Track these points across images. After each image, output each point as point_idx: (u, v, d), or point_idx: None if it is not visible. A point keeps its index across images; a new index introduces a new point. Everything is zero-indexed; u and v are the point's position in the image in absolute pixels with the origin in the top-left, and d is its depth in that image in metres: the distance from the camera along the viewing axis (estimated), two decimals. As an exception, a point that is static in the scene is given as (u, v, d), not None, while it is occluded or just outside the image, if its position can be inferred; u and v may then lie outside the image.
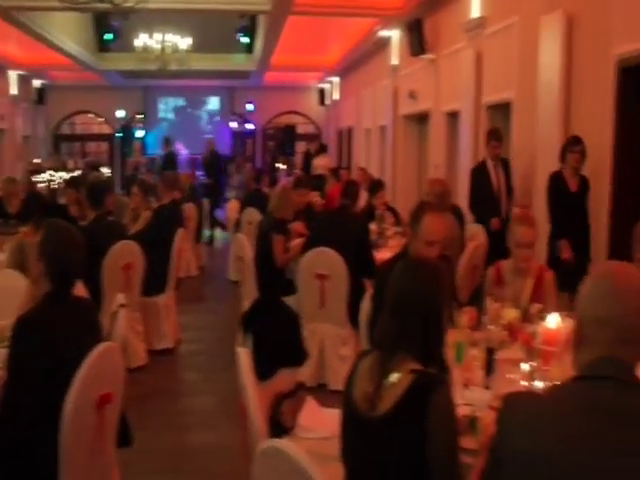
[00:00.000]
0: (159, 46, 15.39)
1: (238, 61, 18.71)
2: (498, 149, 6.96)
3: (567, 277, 4.02)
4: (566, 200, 5.54)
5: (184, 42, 15.67)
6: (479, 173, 7.07)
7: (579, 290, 1.64)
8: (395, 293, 2.10)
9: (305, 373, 5.01)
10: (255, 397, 2.53)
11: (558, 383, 1.83)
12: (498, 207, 6.83)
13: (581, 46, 6.06)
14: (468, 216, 7.03)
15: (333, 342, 5.14)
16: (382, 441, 1.96)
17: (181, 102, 22.14)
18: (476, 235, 6.56)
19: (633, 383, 1.52)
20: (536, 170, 6.62)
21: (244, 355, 2.60)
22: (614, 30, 5.50)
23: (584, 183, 5.68)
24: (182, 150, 19.24)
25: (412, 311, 2.04)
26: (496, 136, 6.98)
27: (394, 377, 1.98)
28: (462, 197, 8.75)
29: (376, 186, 7.78)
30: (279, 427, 3.27)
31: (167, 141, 14.77)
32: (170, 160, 13.80)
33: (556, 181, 5.70)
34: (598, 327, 1.56)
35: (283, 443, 1.95)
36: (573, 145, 5.67)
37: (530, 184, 6.80)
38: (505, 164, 7.04)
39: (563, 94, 6.19)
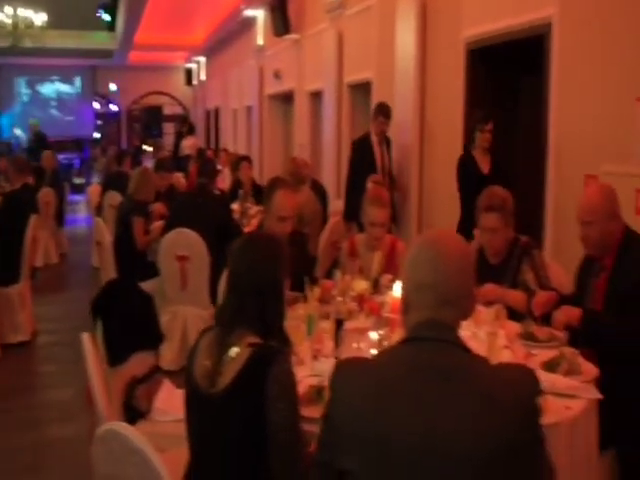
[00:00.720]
0: (11, 21, 14.50)
1: (99, 39, 17.98)
2: (385, 125, 6.46)
3: None
4: (477, 184, 4.58)
5: (39, 17, 14.85)
6: (361, 146, 6.57)
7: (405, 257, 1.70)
8: (232, 269, 2.09)
9: (167, 357, 4.92)
10: (100, 382, 2.46)
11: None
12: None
13: (434, 29, 6.27)
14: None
15: (195, 324, 5.06)
16: (222, 417, 1.95)
17: (38, 82, 21.00)
18: (339, 211, 6.68)
19: (453, 343, 1.59)
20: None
21: (87, 340, 2.51)
22: (464, 15, 5.73)
23: (496, 164, 5.24)
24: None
25: (249, 286, 2.04)
26: (384, 112, 6.45)
27: (233, 352, 1.97)
28: (326, 174, 8.89)
29: (239, 161, 7.75)
30: (134, 411, 3.21)
31: (32, 125, 14.05)
32: (40, 143, 13.11)
33: (465, 164, 5.26)
34: (421, 292, 1.61)
35: (120, 426, 1.90)
36: (483, 124, 5.19)
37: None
38: (388, 143, 6.63)
39: (418, 75, 6.39)
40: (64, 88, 21.27)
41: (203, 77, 19.20)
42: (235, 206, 6.75)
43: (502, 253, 3.44)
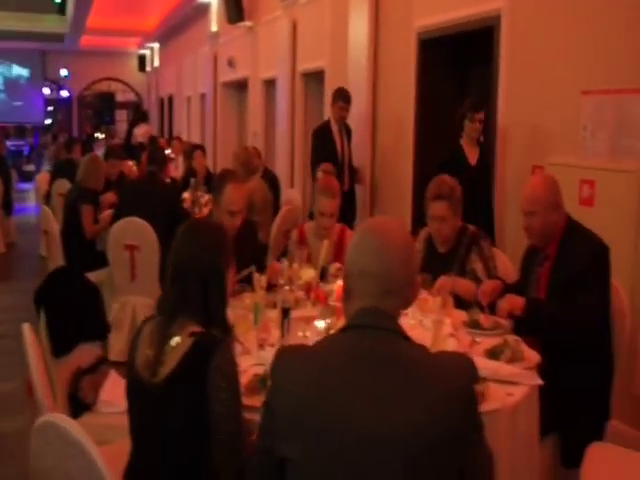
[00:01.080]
0: (-45, 3, 14.06)
1: (50, 22, 17.49)
2: (345, 111, 6.19)
3: None
4: (465, 175, 4.29)
5: (-15, 0, 14.43)
6: (322, 134, 6.28)
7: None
8: (174, 257, 2.06)
9: (116, 347, 4.85)
10: (41, 374, 2.40)
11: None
12: (341, 174, 5.98)
13: (387, 19, 6.29)
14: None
15: (145, 314, 4.98)
16: (163, 407, 1.93)
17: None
18: (292, 200, 6.67)
19: (392, 331, 1.59)
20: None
21: (28, 331, 2.45)
22: (415, 5, 5.75)
23: (482, 156, 4.89)
24: None
25: (190, 274, 2.01)
26: (343, 97, 6.17)
27: (174, 341, 1.95)
28: (280, 163, 8.86)
29: (193, 149, 7.68)
30: (79, 403, 3.15)
31: None
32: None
33: (453, 154, 4.89)
34: (363, 280, 1.62)
35: (58, 417, 1.86)
36: (473, 112, 4.76)
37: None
38: (348, 131, 6.38)
39: (370, 64, 6.41)
40: (12, 72, 20.70)
41: (157, 64, 18.91)
42: (186, 194, 6.68)
43: (450, 242, 3.47)
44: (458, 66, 5.75)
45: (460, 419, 1.47)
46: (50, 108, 21.04)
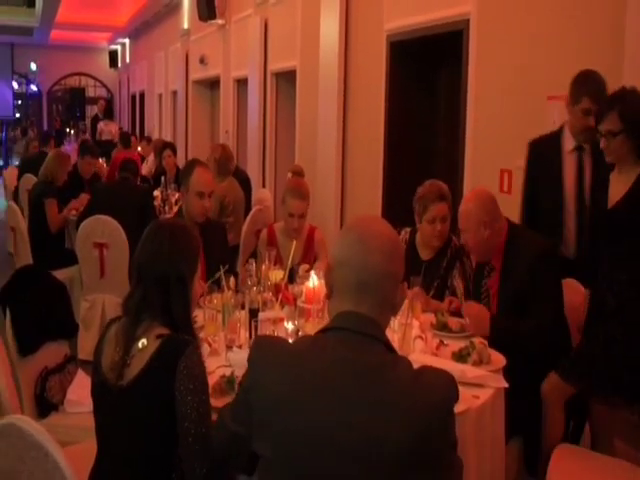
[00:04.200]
0: None
1: (18, 15, 17.22)
2: (590, 119, 4.26)
3: None
4: None
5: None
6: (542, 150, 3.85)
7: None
8: (137, 258, 2.05)
9: (85, 346, 4.81)
10: (5, 374, 2.38)
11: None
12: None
13: (357, 20, 6.31)
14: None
15: (114, 313, 4.95)
16: (130, 410, 1.91)
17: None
18: (262, 199, 6.67)
19: (376, 339, 1.56)
20: (316, 135, 6.84)
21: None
22: (386, 7, 5.79)
23: None
24: None
25: (153, 276, 1.99)
26: (594, 91, 3.53)
27: (141, 343, 1.94)
28: (251, 162, 8.84)
29: (163, 147, 7.64)
30: (45, 403, 3.12)
31: None
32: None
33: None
34: (341, 271, 1.60)
35: (20, 419, 1.84)
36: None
37: (312, 150, 7.01)
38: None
39: (341, 65, 6.42)
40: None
41: (128, 60, 18.73)
42: (157, 192, 6.64)
43: (435, 249, 3.48)
44: (427, 68, 5.79)
45: (436, 436, 1.45)
46: (18, 102, 20.72)
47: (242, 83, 9.60)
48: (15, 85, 20.37)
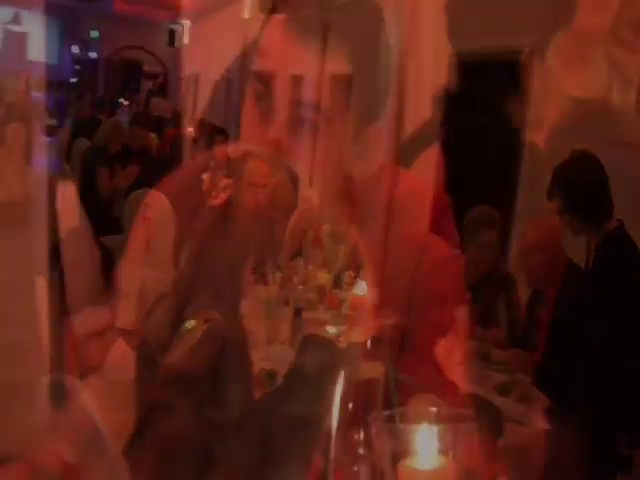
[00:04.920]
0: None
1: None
2: None
3: None
4: None
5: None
6: None
7: None
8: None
9: (123, 316, 4.83)
10: (47, 329, 2.39)
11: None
12: None
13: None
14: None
15: (154, 289, 4.98)
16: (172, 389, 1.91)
17: (9, 19, 20.21)
18: (308, 199, 6.65)
19: None
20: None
21: (41, 285, 2.45)
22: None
23: None
24: None
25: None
26: None
27: (189, 324, 1.94)
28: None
29: (214, 131, 7.64)
30: (84, 365, 3.13)
31: None
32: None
33: None
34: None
35: (66, 378, 1.85)
36: None
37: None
38: None
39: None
40: (42, 29, 20.61)
41: (186, 41, 18.86)
42: (205, 176, 6.65)
43: (479, 274, 3.43)
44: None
45: None
46: (77, 67, 20.99)
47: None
48: (75, 49, 20.62)
